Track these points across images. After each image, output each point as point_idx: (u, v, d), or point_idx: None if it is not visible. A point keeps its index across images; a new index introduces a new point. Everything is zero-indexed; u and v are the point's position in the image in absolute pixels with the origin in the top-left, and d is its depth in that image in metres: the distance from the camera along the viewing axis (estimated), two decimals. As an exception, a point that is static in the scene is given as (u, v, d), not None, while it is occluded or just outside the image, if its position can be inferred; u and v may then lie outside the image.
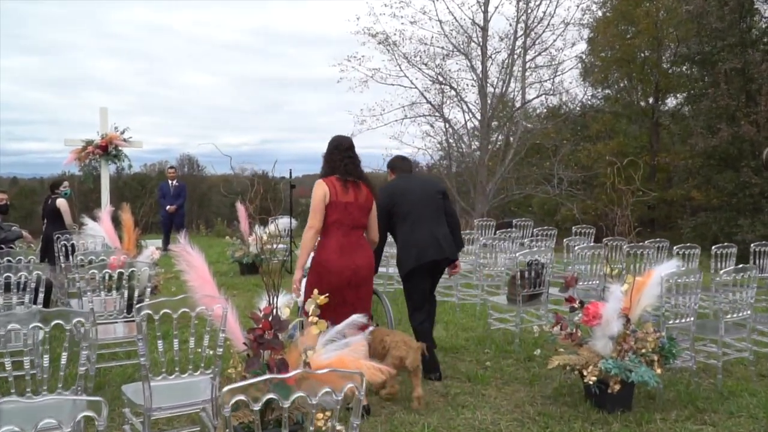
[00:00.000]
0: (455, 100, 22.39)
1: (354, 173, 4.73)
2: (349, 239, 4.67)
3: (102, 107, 15.46)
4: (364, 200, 4.73)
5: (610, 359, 4.45)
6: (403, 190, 5.39)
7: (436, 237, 5.28)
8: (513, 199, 23.70)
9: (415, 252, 5.27)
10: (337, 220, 4.63)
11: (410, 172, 5.73)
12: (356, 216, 4.69)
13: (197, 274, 3.89)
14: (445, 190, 5.66)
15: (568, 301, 4.76)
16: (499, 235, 9.33)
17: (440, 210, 5.40)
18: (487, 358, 6.00)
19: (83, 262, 5.91)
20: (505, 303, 6.44)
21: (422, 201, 5.33)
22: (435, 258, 5.29)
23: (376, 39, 21.31)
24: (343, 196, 4.63)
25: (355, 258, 4.66)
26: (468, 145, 23.29)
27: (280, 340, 3.52)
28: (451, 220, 5.48)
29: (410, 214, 5.29)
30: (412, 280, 5.43)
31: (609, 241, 7.26)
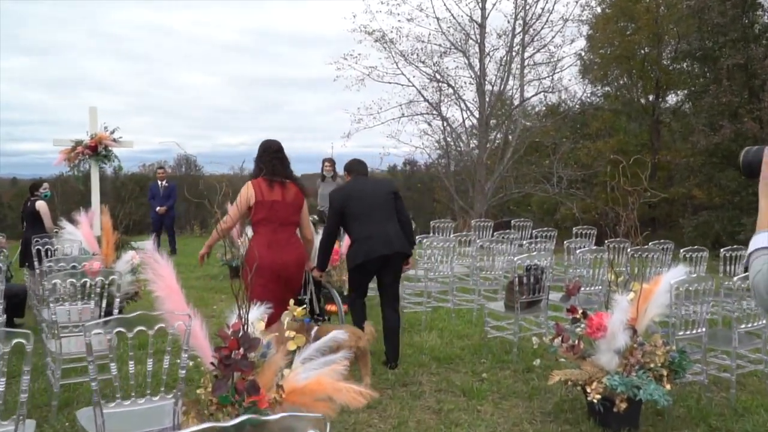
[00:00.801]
0: (453, 98, 22.01)
1: (281, 173, 5.03)
2: (277, 236, 4.97)
3: (91, 107, 15.03)
4: (293, 199, 5.04)
5: (615, 375, 4.10)
6: (356, 191, 5.70)
7: (386, 233, 5.54)
8: (512, 198, 23.34)
9: (365, 247, 5.52)
10: (265, 217, 4.95)
11: (366, 174, 6.03)
12: (283, 214, 4.99)
13: (164, 284, 3.54)
14: (397, 190, 5.93)
15: (569, 311, 4.41)
16: (497, 236, 8.97)
17: (391, 209, 5.67)
18: (484, 369, 5.64)
19: (52, 269, 5.55)
20: (503, 310, 6.08)
21: (374, 200, 5.63)
22: (384, 253, 5.52)
23: (373, 37, 20.92)
24: (269, 195, 4.94)
25: (283, 254, 4.93)
26: (466, 143, 22.91)
27: (250, 361, 3.16)
28: (402, 218, 5.72)
29: (362, 213, 5.58)
30: (359, 274, 5.71)
31: (611, 243, 6.90)
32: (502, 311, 6.09)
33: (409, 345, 6.34)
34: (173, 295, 3.50)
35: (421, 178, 31.87)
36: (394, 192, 5.79)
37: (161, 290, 3.50)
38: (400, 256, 5.68)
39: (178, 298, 3.50)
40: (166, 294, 3.49)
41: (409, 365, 5.73)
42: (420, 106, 22.08)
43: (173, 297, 3.49)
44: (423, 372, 5.59)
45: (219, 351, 3.12)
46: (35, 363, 5.79)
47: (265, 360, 3.33)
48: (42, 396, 4.98)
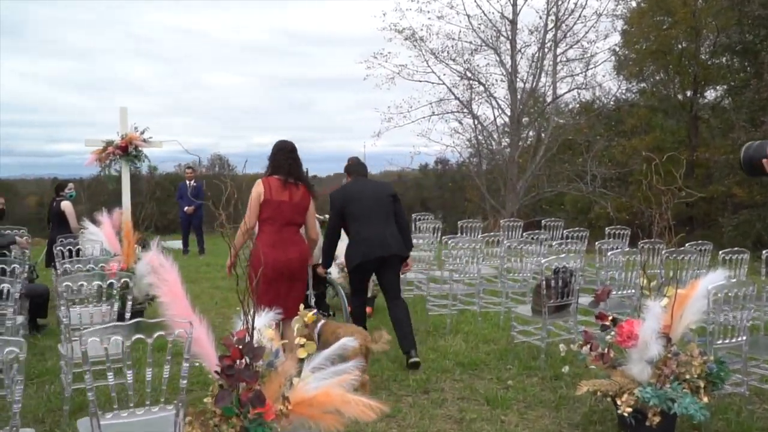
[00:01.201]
0: (484, 95, 21.74)
1: (294, 174, 5.10)
2: (281, 235, 5.04)
3: (122, 107, 15.11)
4: (299, 200, 5.10)
5: (648, 387, 3.84)
6: (355, 192, 5.82)
7: (383, 235, 5.67)
8: (544, 197, 22.94)
9: (362, 248, 5.67)
10: (270, 216, 5.03)
11: (365, 175, 6.18)
12: (289, 214, 5.06)
13: (168, 289, 3.40)
14: (396, 193, 6.01)
15: (598, 318, 4.16)
16: (526, 237, 8.70)
17: (389, 211, 5.80)
18: (510, 376, 5.41)
19: (68, 270, 5.47)
20: (530, 314, 5.83)
21: (372, 202, 5.76)
22: (381, 254, 5.66)
23: (403, 35, 20.78)
24: (277, 195, 5.01)
25: (287, 252, 5.01)
26: (498, 141, 22.59)
27: (254, 371, 2.99)
28: (400, 221, 5.87)
29: (360, 214, 5.71)
30: (358, 274, 5.84)
31: (645, 245, 6.60)
32: (529, 315, 5.85)
33: (433, 349, 6.14)
34: (178, 300, 3.36)
35: (452, 176, 31.55)
36: (392, 195, 5.90)
37: (165, 295, 3.36)
38: (397, 258, 5.83)
39: (182, 303, 3.35)
40: (171, 299, 3.35)
41: (431, 371, 5.52)
42: (450, 104, 21.90)
43: (178, 302, 3.35)
44: (446, 378, 5.38)
45: (222, 360, 2.96)
46: (55, 365, 5.76)
47: (271, 369, 3.16)
48: (56, 399, 4.89)
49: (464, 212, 26.04)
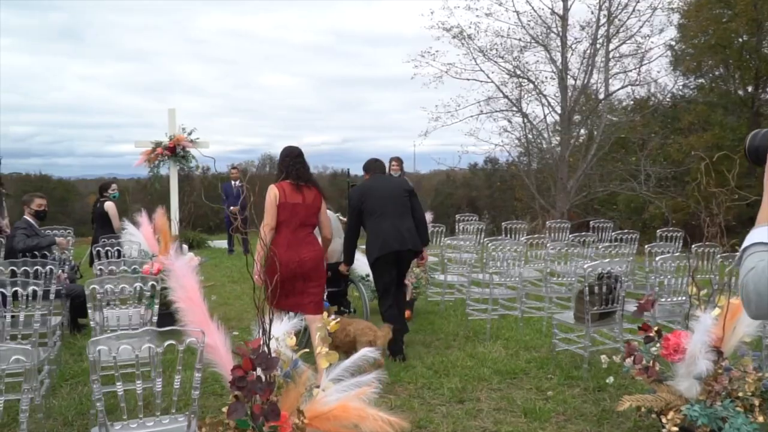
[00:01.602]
0: (534, 93, 21.25)
1: (304, 177, 5.28)
2: (296, 236, 5.20)
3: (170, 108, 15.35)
4: (312, 201, 5.27)
5: (696, 404, 3.56)
6: (372, 189, 5.99)
7: (399, 230, 5.84)
8: (596, 196, 22.31)
9: (379, 243, 5.83)
10: (286, 219, 5.17)
11: (383, 173, 6.34)
12: (303, 216, 5.23)
13: (186, 295, 3.29)
14: (412, 189, 6.17)
15: (641, 329, 3.88)
16: (573, 239, 8.38)
17: (406, 206, 5.95)
18: (550, 386, 5.15)
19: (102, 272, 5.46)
20: (572, 321, 5.55)
21: (389, 198, 5.91)
22: (397, 249, 5.82)
23: (451, 33, 20.48)
24: (291, 198, 5.18)
25: (300, 252, 5.18)
26: (548, 140, 22.07)
27: (268, 383, 2.85)
28: (416, 216, 6.01)
29: (377, 210, 5.87)
30: (378, 268, 5.95)
31: (698, 248, 6.23)
32: (571, 322, 5.57)
33: (471, 356, 5.92)
34: (194, 307, 3.24)
35: (502, 176, 31.08)
36: (408, 190, 6.06)
37: (183, 301, 3.26)
38: (412, 253, 6.03)
39: (199, 310, 3.24)
40: (188, 306, 3.24)
41: (468, 379, 5.31)
42: (499, 103, 21.46)
43: (194, 309, 3.23)
44: (482, 387, 5.16)
45: (233, 371, 2.83)
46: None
47: (288, 380, 3.01)
48: (86, 402, 4.87)
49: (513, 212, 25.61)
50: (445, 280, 8.05)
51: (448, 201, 36.00)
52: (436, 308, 8.03)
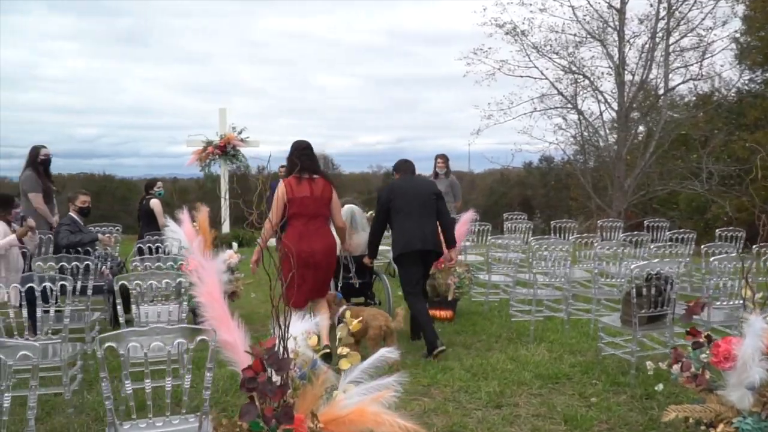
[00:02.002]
0: (589, 90, 20.72)
1: (309, 168, 5.44)
2: (308, 227, 5.41)
3: (221, 108, 15.54)
4: (321, 193, 5.45)
5: (749, 416, 3.27)
6: (401, 188, 6.15)
7: (423, 230, 5.97)
8: (655, 195, 21.59)
9: (403, 241, 6.01)
10: (297, 212, 5.37)
11: (413, 173, 6.46)
12: (313, 207, 5.42)
13: (206, 290, 3.19)
14: (440, 191, 6.28)
15: (690, 334, 3.61)
16: (624, 238, 8.02)
17: (431, 208, 6.07)
18: (594, 392, 4.89)
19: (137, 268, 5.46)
20: (619, 324, 5.27)
21: (415, 199, 6.06)
22: (419, 248, 5.96)
23: (504, 29, 20.16)
24: (298, 192, 5.38)
25: (312, 243, 5.38)
26: (604, 137, 21.46)
27: (281, 384, 2.72)
28: (443, 219, 6.16)
29: (404, 209, 6.02)
30: (402, 265, 6.14)
31: (758, 249, 5.86)
32: (618, 326, 5.29)
33: (512, 359, 5.70)
34: (215, 304, 3.15)
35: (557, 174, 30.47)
36: (436, 193, 6.18)
37: (203, 296, 3.17)
38: (434, 254, 6.16)
39: (219, 307, 3.14)
40: (208, 302, 3.15)
41: (507, 383, 5.10)
42: (553, 100, 21.05)
43: (214, 306, 3.14)
44: (522, 392, 4.94)
45: (244, 371, 2.71)
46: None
47: (304, 382, 2.88)
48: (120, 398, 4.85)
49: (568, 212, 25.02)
50: (489, 279, 7.82)
51: (502, 200, 35.48)
52: (480, 309, 7.81)
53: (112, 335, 2.70)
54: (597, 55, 20.29)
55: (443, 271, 7.23)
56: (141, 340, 2.66)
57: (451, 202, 9.81)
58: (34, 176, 7.58)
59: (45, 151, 7.75)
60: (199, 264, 3.37)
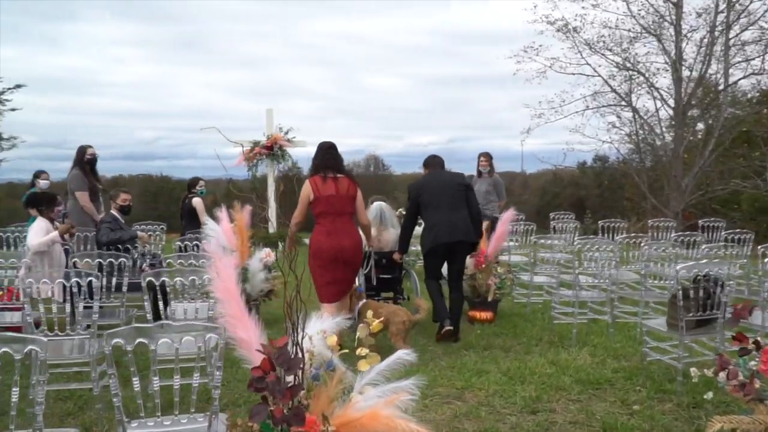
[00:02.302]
0: (644, 86, 20.06)
1: (333, 167, 5.58)
2: (335, 225, 5.54)
3: (268, 108, 15.59)
4: (346, 191, 5.58)
5: (801, 430, 3.01)
6: (429, 183, 6.31)
7: (452, 222, 6.08)
8: (715, 195, 20.75)
9: (432, 234, 6.15)
10: (323, 210, 5.54)
11: (442, 168, 6.55)
12: (339, 205, 5.55)
13: (223, 286, 3.11)
14: (468, 183, 6.48)
15: (736, 340, 3.36)
16: (676, 238, 7.67)
17: (461, 200, 6.18)
18: (637, 400, 4.65)
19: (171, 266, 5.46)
20: (665, 328, 4.99)
21: (444, 192, 6.18)
22: (448, 240, 6.09)
23: (555, 26, 19.69)
24: (324, 191, 5.52)
25: (340, 240, 5.52)
26: (660, 136, 20.75)
27: (292, 385, 2.62)
28: (472, 210, 6.23)
29: (433, 202, 6.16)
30: (429, 258, 6.31)
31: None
32: (664, 330, 5.01)
33: (552, 362, 5.48)
34: (231, 300, 3.06)
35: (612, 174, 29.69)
36: (465, 185, 6.33)
37: (219, 292, 3.09)
38: (465, 245, 6.22)
39: (235, 303, 3.06)
40: (224, 298, 3.06)
41: (545, 387, 4.89)
42: (607, 98, 20.44)
43: (231, 303, 3.06)
44: (560, 397, 4.72)
45: (252, 371, 2.62)
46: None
47: (318, 383, 2.77)
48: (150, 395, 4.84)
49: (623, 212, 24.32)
50: (531, 280, 7.58)
51: (554, 201, 34.77)
52: (522, 311, 7.58)
53: (119, 331, 2.64)
54: (652, 51, 19.61)
55: (484, 272, 7.04)
56: (145, 337, 2.59)
57: (495, 201, 9.58)
58: (81, 175, 7.72)
59: (91, 151, 7.88)
60: (216, 259, 3.29)
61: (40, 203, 6.32)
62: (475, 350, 5.94)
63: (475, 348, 6.00)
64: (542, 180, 41.20)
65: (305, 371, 2.82)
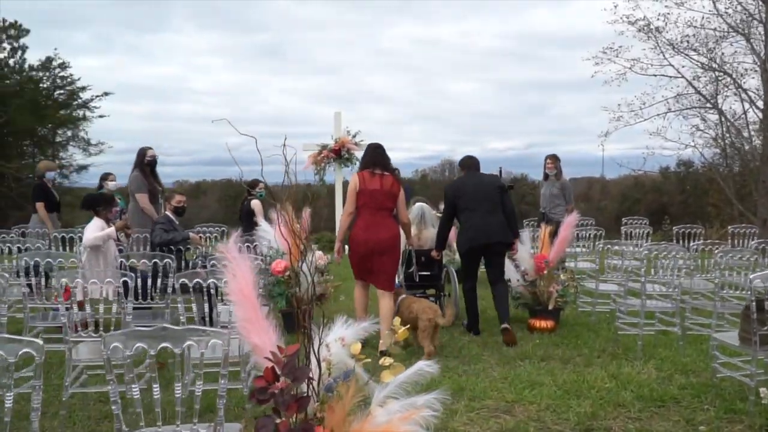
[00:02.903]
0: (731, 88, 19.00)
1: (380, 164, 5.92)
2: (374, 218, 5.86)
3: (336, 112, 15.63)
4: (389, 187, 5.88)
5: None
6: (465, 185, 6.51)
7: (488, 224, 6.29)
8: (809, 201, 19.42)
9: (468, 236, 6.37)
10: (365, 203, 5.88)
11: (478, 169, 6.72)
12: (381, 200, 5.86)
13: (237, 287, 2.97)
14: (504, 185, 6.63)
15: (809, 356, 2.99)
16: (756, 246, 7.11)
17: (496, 201, 6.36)
18: (704, 419, 4.26)
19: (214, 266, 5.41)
20: (737, 343, 4.57)
21: (479, 194, 6.38)
22: (486, 241, 6.31)
23: (636, 26, 18.92)
24: (370, 185, 5.86)
25: (378, 232, 5.82)
26: (748, 139, 19.62)
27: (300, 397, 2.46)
28: (506, 210, 6.40)
29: (468, 205, 6.36)
30: (466, 258, 6.56)
31: None
32: (736, 344, 4.59)
33: (613, 376, 5.12)
34: (246, 303, 2.92)
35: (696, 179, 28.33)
36: (500, 186, 6.51)
37: (233, 294, 2.95)
38: (502, 245, 6.43)
39: (251, 306, 2.91)
40: (239, 300, 2.92)
41: (602, 403, 4.55)
42: (690, 99, 19.48)
43: (245, 305, 2.91)
44: (618, 414, 4.38)
45: (255, 381, 2.48)
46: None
47: (331, 395, 2.60)
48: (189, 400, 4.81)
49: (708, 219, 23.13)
50: (597, 288, 7.19)
51: (635, 207, 33.47)
52: (586, 320, 7.20)
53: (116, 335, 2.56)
54: (740, 51, 18.57)
55: (545, 278, 6.73)
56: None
57: (562, 205, 9.20)
58: (141, 177, 7.84)
59: (151, 153, 8.00)
60: (232, 257, 3.11)
61: (97, 204, 6.43)
62: (531, 361, 5.63)
63: (531, 358, 5.70)
64: (622, 186, 39.82)
65: (321, 382, 2.67)
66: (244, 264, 3.01)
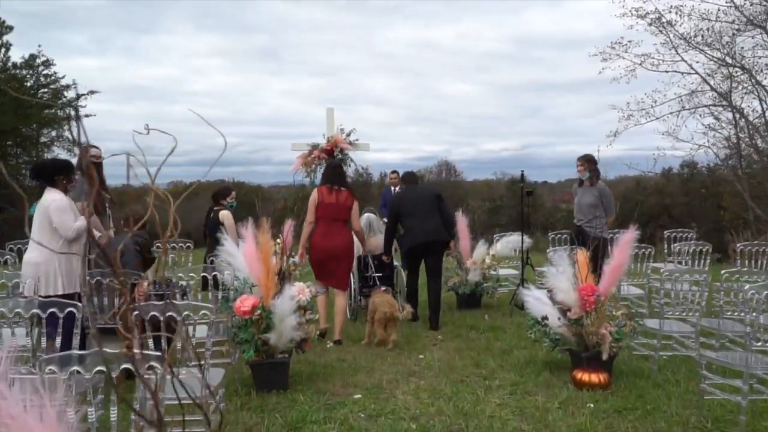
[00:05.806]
0: (748, 84, 17.72)
1: (337, 182, 6.91)
2: (331, 228, 6.79)
3: (328, 108, 14.04)
4: (344, 201, 6.86)
5: None
6: (407, 195, 7.73)
7: (426, 226, 7.38)
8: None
9: (409, 237, 7.52)
10: (323, 215, 6.81)
11: (416, 182, 8.14)
12: (336, 212, 6.82)
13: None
14: (440, 193, 7.80)
15: None
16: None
17: (433, 207, 7.47)
18: None
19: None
20: None
21: (419, 202, 7.50)
22: (424, 240, 7.37)
23: (646, 20, 17.61)
24: (328, 199, 6.82)
25: (334, 240, 6.77)
26: (766, 138, 18.34)
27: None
28: (444, 216, 7.55)
29: (409, 212, 7.48)
30: (408, 257, 7.76)
31: None
32: None
33: None
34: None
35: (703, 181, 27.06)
36: (437, 195, 7.63)
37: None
38: (439, 243, 7.48)
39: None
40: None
41: None
42: (705, 97, 18.25)
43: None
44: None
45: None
46: None
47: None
48: None
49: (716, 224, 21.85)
50: (661, 328, 5.60)
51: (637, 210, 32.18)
52: (644, 367, 5.71)
53: None
54: (758, 45, 17.37)
55: (595, 316, 5.21)
56: None
57: (601, 217, 7.66)
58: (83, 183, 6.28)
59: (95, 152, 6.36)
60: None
61: (56, 171, 5.21)
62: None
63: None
64: (622, 187, 38.61)
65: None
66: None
